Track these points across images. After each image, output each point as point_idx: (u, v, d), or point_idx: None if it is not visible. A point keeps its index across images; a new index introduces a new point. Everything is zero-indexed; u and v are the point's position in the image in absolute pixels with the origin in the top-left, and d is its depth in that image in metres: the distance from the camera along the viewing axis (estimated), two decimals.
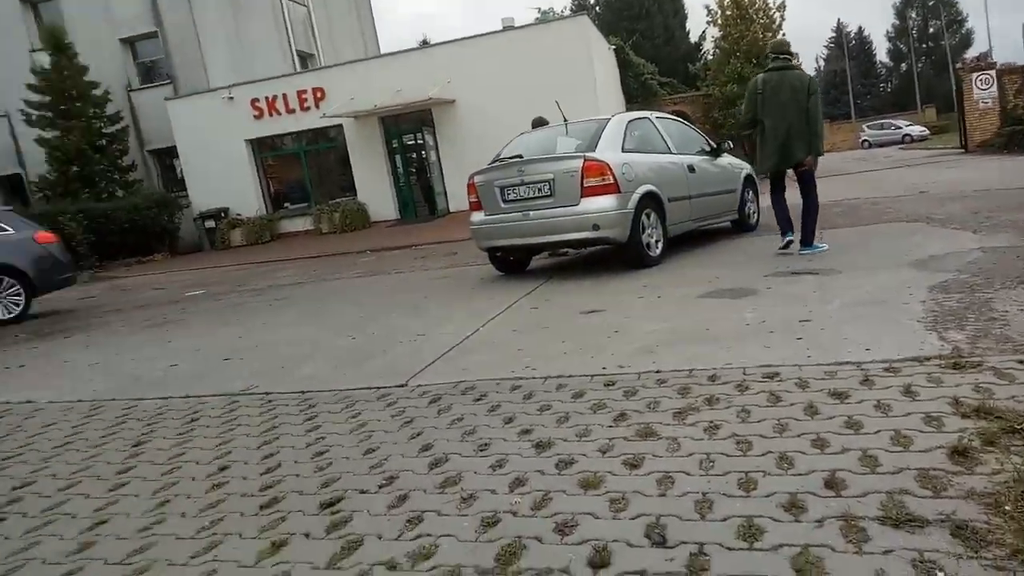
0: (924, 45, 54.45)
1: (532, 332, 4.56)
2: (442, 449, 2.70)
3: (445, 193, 18.41)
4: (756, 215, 8.68)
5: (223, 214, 19.32)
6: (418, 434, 2.91)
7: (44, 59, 19.14)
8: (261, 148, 20.07)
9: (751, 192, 8.55)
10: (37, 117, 19.06)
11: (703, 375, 3.14)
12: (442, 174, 18.41)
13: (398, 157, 19.26)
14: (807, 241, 6.14)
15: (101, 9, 20.78)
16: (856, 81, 56.22)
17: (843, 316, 3.86)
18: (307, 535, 2.14)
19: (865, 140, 40.61)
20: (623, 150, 6.64)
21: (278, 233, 19.49)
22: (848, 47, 58.39)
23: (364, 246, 13.71)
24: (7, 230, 9.22)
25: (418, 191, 19.18)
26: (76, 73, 19.17)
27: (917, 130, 38.90)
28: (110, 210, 17.75)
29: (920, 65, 53.08)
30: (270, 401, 3.74)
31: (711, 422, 2.59)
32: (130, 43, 21.57)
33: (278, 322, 6.44)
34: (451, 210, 17.89)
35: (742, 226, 8.41)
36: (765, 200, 9.13)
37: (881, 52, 60.20)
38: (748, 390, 2.88)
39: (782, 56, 6.17)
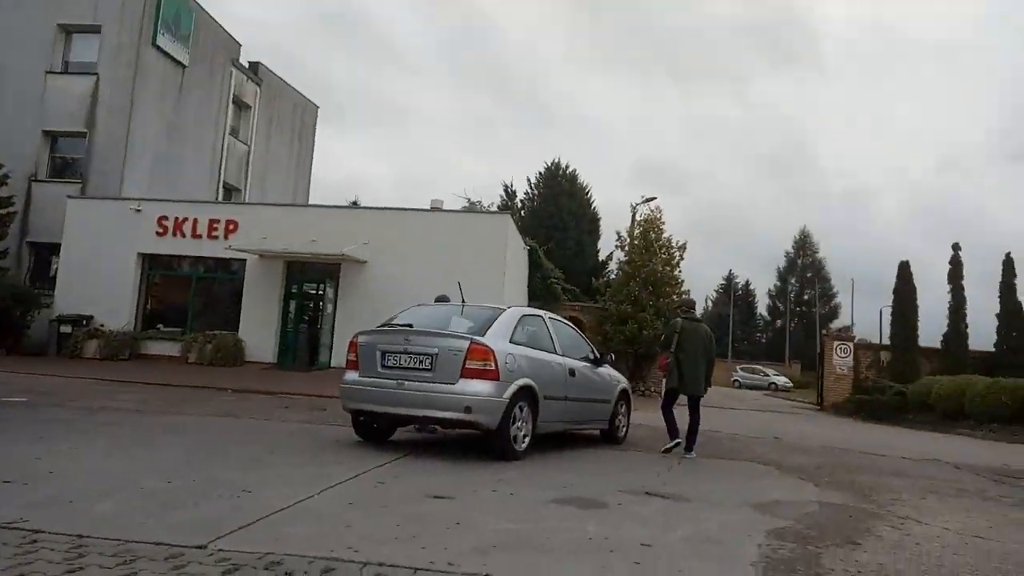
0: (798, 308, 60.82)
1: (369, 509, 4.21)
2: None
3: (331, 347, 17.92)
4: (625, 429, 8.79)
5: (84, 322, 17.88)
6: None
7: None
8: (153, 264, 19.26)
9: (624, 406, 8.73)
10: None
11: None
12: (333, 328, 18.05)
13: (293, 302, 18.88)
14: (689, 448, 7.69)
15: (37, 98, 20.63)
16: (737, 327, 61.47)
17: (683, 549, 3.79)
18: None
19: (736, 380, 43.64)
20: (511, 341, 6.70)
21: (140, 352, 18.12)
22: (734, 295, 64.53)
23: (228, 384, 12.86)
24: None
25: (304, 340, 18.60)
26: None
27: (782, 380, 42.46)
28: None
29: (793, 324, 58.94)
30: (34, 541, 3.15)
31: None
32: (53, 136, 21.14)
33: (91, 448, 5.70)
34: (332, 365, 17.33)
35: (610, 438, 8.48)
36: (635, 417, 9.40)
37: (762, 306, 66.64)
38: None
39: (692, 311, 8.31)
